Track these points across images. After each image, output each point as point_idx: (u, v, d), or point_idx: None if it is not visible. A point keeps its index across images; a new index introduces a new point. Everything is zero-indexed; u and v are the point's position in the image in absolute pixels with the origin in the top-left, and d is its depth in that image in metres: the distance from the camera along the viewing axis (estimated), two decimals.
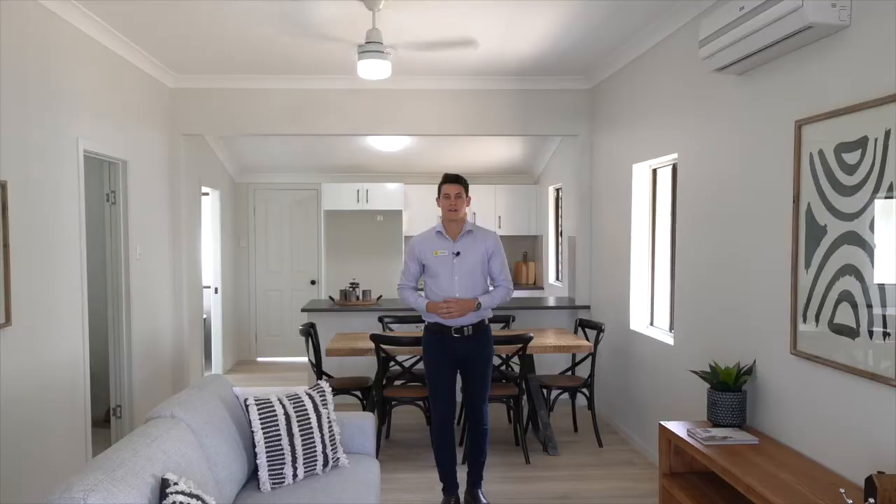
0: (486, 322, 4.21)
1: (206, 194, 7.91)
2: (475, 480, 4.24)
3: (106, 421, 5.46)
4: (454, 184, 4.04)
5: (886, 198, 2.63)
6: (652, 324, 5.41)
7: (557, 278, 8.53)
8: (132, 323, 5.34)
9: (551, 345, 5.37)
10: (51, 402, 4.11)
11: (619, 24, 4.82)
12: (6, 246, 3.59)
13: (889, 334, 2.62)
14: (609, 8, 4.46)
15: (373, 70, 4.54)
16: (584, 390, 5.50)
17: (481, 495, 4.21)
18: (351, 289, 6.83)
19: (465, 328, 4.03)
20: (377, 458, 3.93)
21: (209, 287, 8.15)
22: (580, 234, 6.68)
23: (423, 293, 4.24)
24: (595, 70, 6.11)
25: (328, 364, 6.09)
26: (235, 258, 9.08)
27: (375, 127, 6.55)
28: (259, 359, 9.32)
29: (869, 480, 2.51)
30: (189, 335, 6.53)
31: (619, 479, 4.71)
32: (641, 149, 5.29)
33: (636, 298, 5.50)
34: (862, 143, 2.76)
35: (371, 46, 4.41)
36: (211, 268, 8.17)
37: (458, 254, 4.03)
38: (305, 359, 5.99)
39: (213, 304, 8.25)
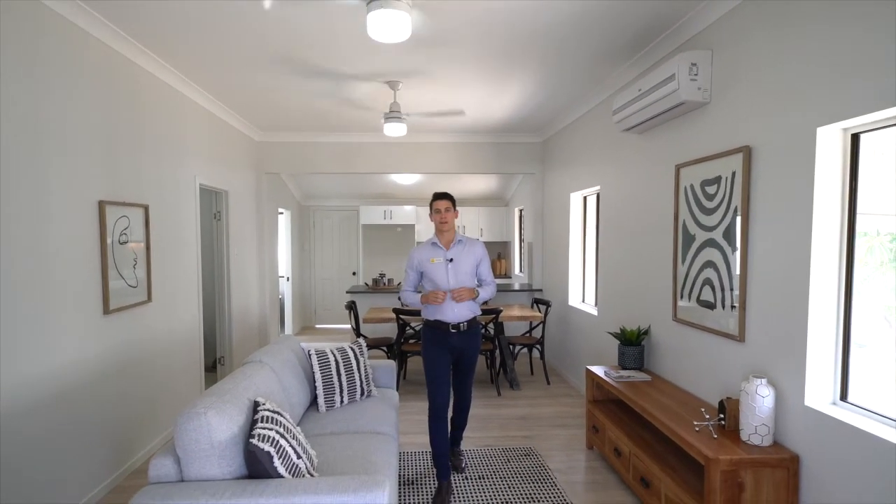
0: (477, 319, 3.41)
1: (281, 213, 7.93)
2: (455, 441, 3.58)
3: (213, 367, 5.52)
4: (443, 199, 3.37)
5: (733, 216, 2.70)
6: (584, 301, 5.45)
7: (520, 270, 8.56)
8: (231, 300, 5.39)
9: (516, 315, 5.38)
10: (177, 353, 4.18)
11: (560, 101, 4.87)
12: (148, 248, 3.66)
13: (735, 307, 2.68)
14: (553, 91, 4.51)
15: (394, 130, 4.57)
16: (538, 346, 5.56)
17: (460, 450, 3.63)
18: (380, 278, 6.88)
19: (461, 324, 3.23)
20: (397, 391, 3.95)
21: (283, 276, 8.18)
22: (535, 240, 6.72)
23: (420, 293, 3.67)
24: (545, 129, 6.15)
25: (364, 328, 6.15)
26: (301, 257, 9.10)
27: (396, 168, 6.58)
28: (317, 325, 9.32)
29: (721, 403, 2.62)
30: (269, 309, 6.57)
31: (560, 406, 4.75)
32: (576, 183, 5.32)
33: (573, 284, 5.52)
34: (717, 180, 2.82)
35: (393, 114, 4.47)
36: (284, 263, 8.19)
37: (451, 260, 3.31)
38: (349, 325, 6.03)
39: (285, 288, 8.27)
